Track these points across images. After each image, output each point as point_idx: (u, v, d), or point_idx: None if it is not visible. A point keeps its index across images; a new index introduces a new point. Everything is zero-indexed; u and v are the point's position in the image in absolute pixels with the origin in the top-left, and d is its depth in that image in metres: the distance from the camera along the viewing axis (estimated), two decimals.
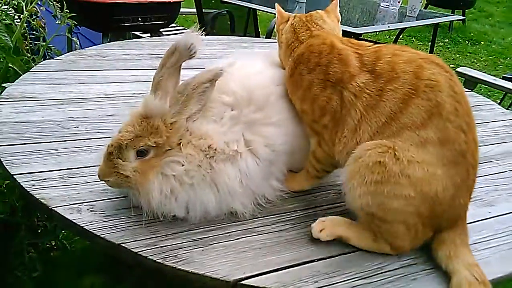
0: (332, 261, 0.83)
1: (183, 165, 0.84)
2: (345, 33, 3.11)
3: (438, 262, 0.84)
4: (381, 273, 0.81)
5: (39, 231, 1.73)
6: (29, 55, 2.03)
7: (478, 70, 3.37)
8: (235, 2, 3.44)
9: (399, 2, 3.75)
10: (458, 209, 0.85)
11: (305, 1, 3.72)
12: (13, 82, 1.39)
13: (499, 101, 3.52)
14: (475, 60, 5.65)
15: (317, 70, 0.90)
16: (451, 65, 5.49)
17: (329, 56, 0.90)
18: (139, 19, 2.64)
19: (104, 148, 0.87)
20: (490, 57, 5.77)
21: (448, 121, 0.82)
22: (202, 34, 0.87)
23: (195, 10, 3.55)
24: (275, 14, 3.80)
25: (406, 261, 0.85)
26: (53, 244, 1.86)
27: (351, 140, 0.86)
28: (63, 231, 1.81)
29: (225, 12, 3.60)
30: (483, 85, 3.72)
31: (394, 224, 0.82)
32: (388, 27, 3.38)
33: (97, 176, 0.93)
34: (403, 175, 0.78)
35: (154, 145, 0.84)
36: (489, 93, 4.30)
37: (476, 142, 0.87)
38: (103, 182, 0.86)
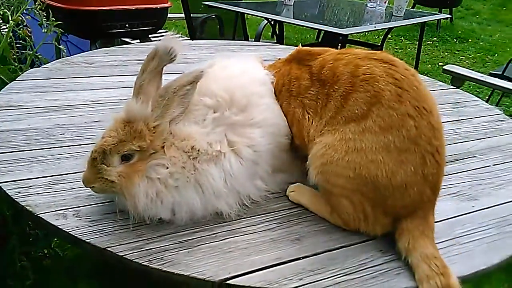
0: (316, 258, 0.84)
1: (167, 168, 0.85)
2: (333, 34, 3.15)
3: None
4: (365, 268, 0.83)
5: (31, 239, 1.72)
6: (16, 64, 2.03)
7: (467, 68, 3.40)
8: (223, 7, 3.46)
9: (385, 2, 3.79)
10: (414, 197, 0.86)
11: (292, 3, 3.74)
12: (0, 91, 1.39)
13: (487, 97, 3.57)
14: (463, 57, 5.71)
15: (283, 90, 1.02)
16: (439, 63, 5.55)
17: (287, 77, 1.02)
18: (127, 25, 2.65)
19: (88, 154, 0.87)
20: (478, 54, 5.84)
21: (390, 108, 0.85)
22: (180, 38, 0.88)
23: (183, 15, 3.56)
24: (263, 17, 3.83)
25: (390, 256, 0.86)
26: (46, 252, 1.85)
27: (312, 135, 0.95)
28: (55, 239, 1.81)
29: (213, 16, 3.61)
30: (472, 83, 3.77)
31: (339, 198, 0.90)
32: (374, 27, 3.41)
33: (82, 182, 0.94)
34: (343, 159, 0.86)
35: (138, 149, 0.84)
36: (478, 90, 4.35)
37: (435, 127, 0.87)
38: (85, 186, 0.87)
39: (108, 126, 0.87)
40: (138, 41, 3.14)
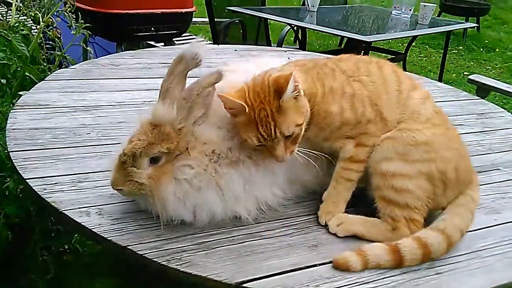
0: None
1: (193, 169, 0.87)
2: (356, 41, 3.13)
3: None
4: (383, 278, 0.82)
5: (53, 234, 1.77)
6: (45, 64, 2.10)
7: (493, 78, 3.33)
8: (247, 12, 3.49)
9: (410, 10, 3.75)
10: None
11: (316, 10, 3.75)
12: (29, 90, 1.44)
13: None
14: (490, 67, 5.59)
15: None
16: (465, 73, 5.45)
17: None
18: (152, 28, 2.70)
19: (114, 157, 0.89)
20: (506, 65, 5.71)
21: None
22: (205, 43, 0.89)
23: (207, 19, 3.61)
24: (286, 23, 3.85)
25: (408, 267, 0.85)
26: (66, 247, 1.90)
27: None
28: (76, 235, 1.85)
29: (237, 21, 3.65)
30: (498, 94, 3.69)
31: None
32: (398, 35, 3.37)
33: (105, 181, 0.96)
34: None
35: (166, 151, 0.86)
36: (504, 101, 4.25)
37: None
38: (113, 189, 0.88)
39: (135, 129, 0.89)
40: (163, 44, 3.20)
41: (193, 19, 4.16)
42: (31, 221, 1.60)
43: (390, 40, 5.98)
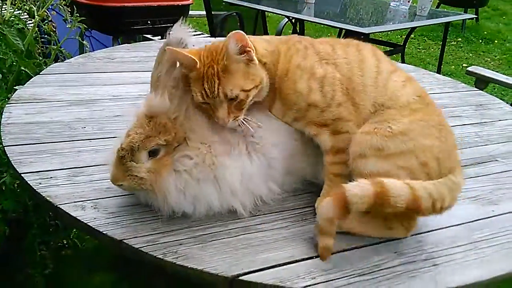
0: (330, 258, 0.83)
1: (192, 159, 0.86)
2: (355, 34, 3.11)
3: None
4: (379, 270, 0.82)
5: (51, 229, 1.77)
6: (40, 58, 2.08)
7: (492, 70, 3.32)
8: (244, 4, 3.46)
9: (409, 2, 3.72)
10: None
11: (313, 1, 3.72)
12: (24, 84, 1.43)
13: None
14: (489, 59, 5.56)
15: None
16: (463, 65, 5.42)
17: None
18: (148, 22, 2.68)
19: (112, 151, 0.88)
20: (504, 56, 5.68)
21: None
22: (188, 26, 0.88)
23: (205, 12, 3.58)
24: (284, 15, 3.80)
25: (405, 258, 0.85)
26: (65, 242, 1.90)
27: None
28: (74, 230, 1.85)
29: (234, 14, 3.62)
30: (496, 85, 3.68)
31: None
32: (396, 27, 3.35)
33: (101, 175, 0.96)
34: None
35: (164, 143, 0.84)
36: (503, 93, 4.24)
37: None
38: (114, 184, 0.86)
39: (131, 123, 0.88)
40: (160, 37, 3.17)
41: (190, 12, 4.14)
42: (29, 216, 1.60)
43: (389, 32, 5.96)
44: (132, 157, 0.84)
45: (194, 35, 1.08)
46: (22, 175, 0.96)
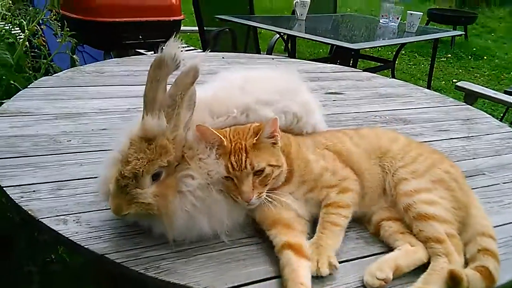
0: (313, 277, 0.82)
1: (194, 179, 0.83)
2: (344, 49, 3.15)
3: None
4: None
5: (39, 245, 1.74)
6: (31, 72, 2.08)
7: (481, 85, 3.36)
8: (236, 20, 3.50)
9: (398, 19, 3.79)
10: None
11: (304, 18, 3.77)
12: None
13: (501, 115, 3.52)
14: (478, 75, 5.65)
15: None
16: (453, 80, 5.50)
17: None
18: (140, 37, 2.69)
19: (102, 183, 0.85)
20: (494, 72, 5.78)
21: None
22: (181, 42, 0.87)
23: (197, 28, 3.62)
24: (275, 32, 3.84)
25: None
26: (53, 257, 1.86)
27: None
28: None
29: (227, 30, 3.66)
30: (486, 101, 3.72)
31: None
32: (385, 43, 3.40)
33: (85, 188, 0.95)
34: None
35: (166, 165, 0.81)
36: (492, 108, 4.29)
37: None
38: (118, 215, 0.82)
39: (123, 145, 0.83)
40: (152, 52, 3.18)
41: (183, 28, 4.16)
42: (16, 231, 1.57)
43: (380, 49, 6.05)
44: (137, 183, 0.80)
45: (187, 50, 1.08)
46: (4, 188, 0.94)
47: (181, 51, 0.85)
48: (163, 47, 0.84)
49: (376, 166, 0.99)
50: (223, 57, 2.12)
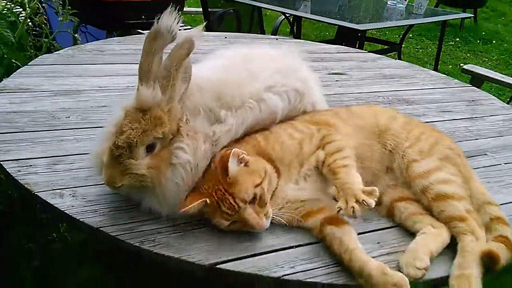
0: (310, 248, 0.82)
1: (186, 153, 0.83)
2: (351, 31, 3.10)
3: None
4: None
5: (39, 223, 1.75)
6: (32, 51, 2.07)
7: (489, 70, 3.31)
8: (241, 1, 3.45)
9: (406, 0, 3.72)
10: None
11: (310, 0, 3.71)
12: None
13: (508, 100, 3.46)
14: (486, 59, 5.56)
15: None
16: (461, 64, 5.41)
17: None
18: (143, 16, 2.66)
19: (103, 151, 0.83)
20: (502, 56, 5.68)
21: None
22: (178, 14, 0.85)
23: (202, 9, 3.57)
24: (280, 12, 3.79)
25: (387, 249, 0.84)
26: (55, 236, 1.88)
27: None
28: (64, 224, 1.83)
29: (231, 10, 3.61)
30: (494, 84, 3.66)
31: None
32: (391, 24, 3.35)
33: (81, 164, 0.95)
34: None
35: (161, 136, 0.81)
36: (500, 92, 4.23)
37: None
38: (110, 187, 0.82)
39: (118, 117, 0.83)
40: None
41: (187, 9, 4.12)
42: (15, 208, 1.59)
43: (387, 32, 5.96)
44: (130, 154, 0.79)
45: (185, 29, 1.05)
46: (1, 162, 0.95)
47: (177, 23, 0.84)
48: (159, 19, 0.83)
49: (373, 142, 0.98)
50: (225, 37, 2.09)
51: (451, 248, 0.84)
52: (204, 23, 0.95)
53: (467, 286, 0.76)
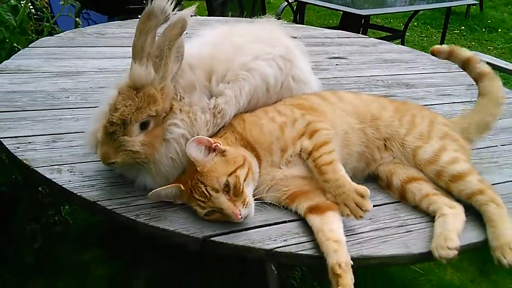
0: (303, 222, 0.83)
1: (179, 127, 0.85)
2: (353, 17, 3.08)
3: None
4: (351, 234, 0.82)
5: (43, 205, 1.77)
6: (33, 35, 2.08)
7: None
8: None
9: None
10: None
11: None
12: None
13: None
14: (491, 47, 5.50)
15: None
16: None
17: None
18: (144, 1, 2.65)
19: (97, 130, 0.84)
20: (507, 45, 5.61)
21: None
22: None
23: None
24: None
25: (378, 224, 0.85)
26: (56, 219, 1.91)
27: None
28: (66, 207, 1.86)
29: None
30: (498, 72, 3.63)
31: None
32: (394, 10, 3.32)
33: (80, 141, 0.96)
34: None
35: (154, 114, 0.82)
36: (504, 81, 4.19)
37: None
38: (105, 164, 0.83)
39: (114, 97, 0.84)
40: None
41: None
42: (19, 190, 1.61)
43: (391, 20, 5.90)
44: (124, 131, 0.81)
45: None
46: (0, 139, 0.96)
47: (171, 5, 0.85)
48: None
49: (365, 126, 0.97)
50: (226, 22, 2.09)
51: None
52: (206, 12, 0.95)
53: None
